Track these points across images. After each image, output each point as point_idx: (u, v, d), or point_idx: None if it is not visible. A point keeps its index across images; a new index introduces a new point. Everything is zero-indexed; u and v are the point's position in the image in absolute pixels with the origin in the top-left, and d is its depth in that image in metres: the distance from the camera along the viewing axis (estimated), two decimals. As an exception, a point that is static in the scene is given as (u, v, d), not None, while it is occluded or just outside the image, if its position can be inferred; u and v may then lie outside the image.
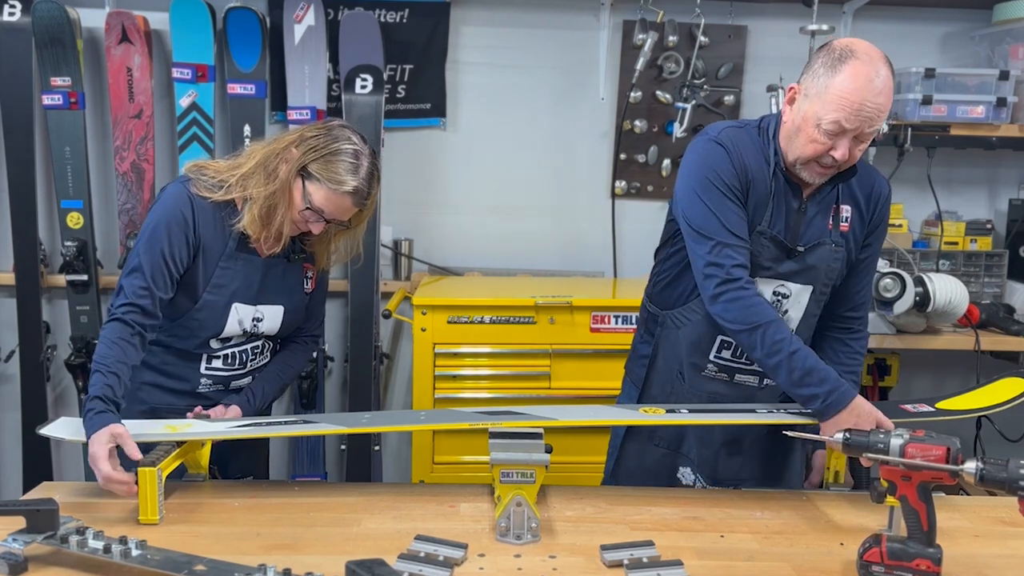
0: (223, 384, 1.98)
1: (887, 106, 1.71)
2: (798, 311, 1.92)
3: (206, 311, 1.88)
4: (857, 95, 1.67)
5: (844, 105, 1.68)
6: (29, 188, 3.11)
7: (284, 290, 1.97)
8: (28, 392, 3.19)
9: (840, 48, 1.71)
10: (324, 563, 1.40)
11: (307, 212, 1.84)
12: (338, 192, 1.81)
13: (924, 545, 1.40)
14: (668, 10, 3.22)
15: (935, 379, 3.52)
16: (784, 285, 1.89)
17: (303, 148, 1.82)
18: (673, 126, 3.22)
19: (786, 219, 1.86)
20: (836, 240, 1.89)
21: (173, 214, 1.82)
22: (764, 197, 1.84)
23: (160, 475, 1.62)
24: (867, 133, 1.72)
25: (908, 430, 1.46)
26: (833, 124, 1.70)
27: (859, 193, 1.91)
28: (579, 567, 1.48)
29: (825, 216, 1.88)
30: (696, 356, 1.97)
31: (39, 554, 1.45)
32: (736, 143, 1.84)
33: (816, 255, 1.88)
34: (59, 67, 3.04)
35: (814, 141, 1.74)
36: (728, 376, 1.97)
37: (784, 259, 1.87)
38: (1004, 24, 3.20)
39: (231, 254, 1.89)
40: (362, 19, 3.18)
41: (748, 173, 1.83)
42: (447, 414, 1.87)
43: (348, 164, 1.81)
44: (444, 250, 3.43)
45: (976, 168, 3.45)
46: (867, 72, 1.68)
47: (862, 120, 1.69)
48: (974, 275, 3.30)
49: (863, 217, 1.92)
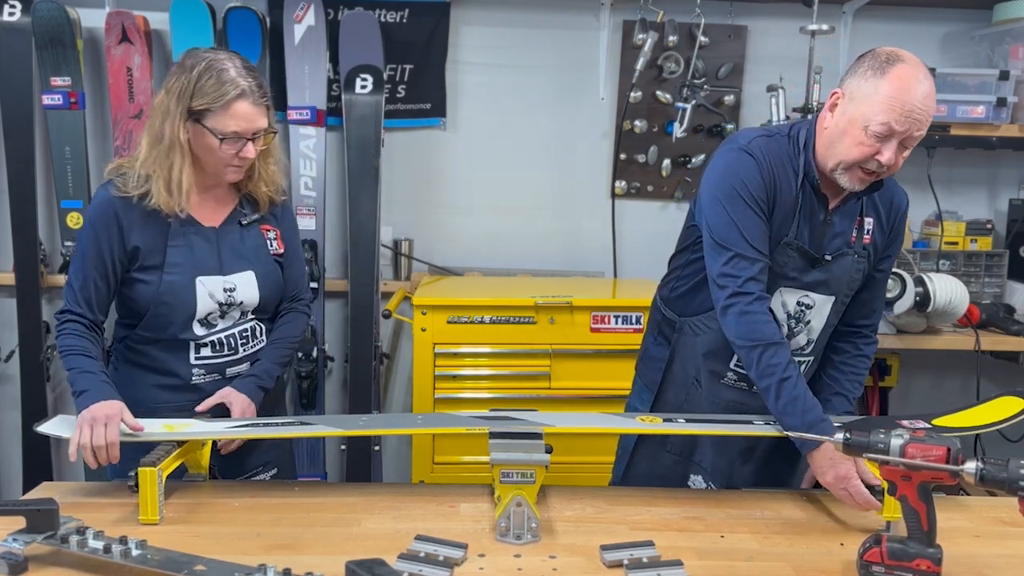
0: (218, 372, 1.94)
1: (932, 111, 1.71)
2: (820, 321, 1.92)
3: (171, 293, 1.86)
4: (908, 96, 1.67)
5: (895, 106, 1.67)
6: (29, 188, 3.11)
7: (248, 255, 1.95)
8: (28, 392, 3.19)
9: (886, 53, 1.72)
10: (324, 563, 1.40)
11: (226, 144, 1.80)
12: (232, 102, 1.78)
13: (924, 545, 1.40)
14: (668, 10, 3.22)
15: (935, 379, 3.52)
16: (808, 296, 1.89)
17: (172, 98, 1.80)
18: (673, 126, 3.22)
19: (811, 230, 1.86)
20: (859, 251, 1.90)
21: (98, 218, 1.84)
22: (791, 208, 1.84)
23: (160, 475, 1.62)
24: (914, 137, 1.72)
25: (908, 430, 1.46)
26: (882, 126, 1.69)
27: (880, 205, 1.92)
28: (579, 567, 1.48)
29: (849, 228, 1.89)
30: (715, 364, 1.96)
31: (39, 554, 1.45)
32: (766, 153, 1.83)
33: (840, 266, 1.89)
34: (59, 67, 3.05)
35: (861, 144, 1.72)
36: (748, 385, 1.95)
37: (809, 269, 1.87)
38: (1004, 24, 3.20)
39: (176, 232, 1.87)
40: (362, 19, 3.18)
41: (777, 184, 1.82)
42: (444, 418, 1.87)
43: (218, 75, 1.78)
44: (444, 250, 3.43)
45: (976, 168, 3.45)
46: (915, 75, 1.68)
47: (911, 122, 1.68)
48: (974, 275, 3.30)
49: (883, 229, 1.93)
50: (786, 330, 1.90)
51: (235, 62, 1.81)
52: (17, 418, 3.24)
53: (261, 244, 1.98)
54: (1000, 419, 1.87)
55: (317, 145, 3.21)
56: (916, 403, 3.47)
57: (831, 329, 1.97)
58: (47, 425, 1.83)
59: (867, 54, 1.76)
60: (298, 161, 3.20)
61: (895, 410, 3.31)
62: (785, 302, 1.88)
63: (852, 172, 1.77)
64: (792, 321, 1.91)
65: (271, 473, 2.09)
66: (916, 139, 1.73)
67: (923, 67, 1.71)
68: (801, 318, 1.90)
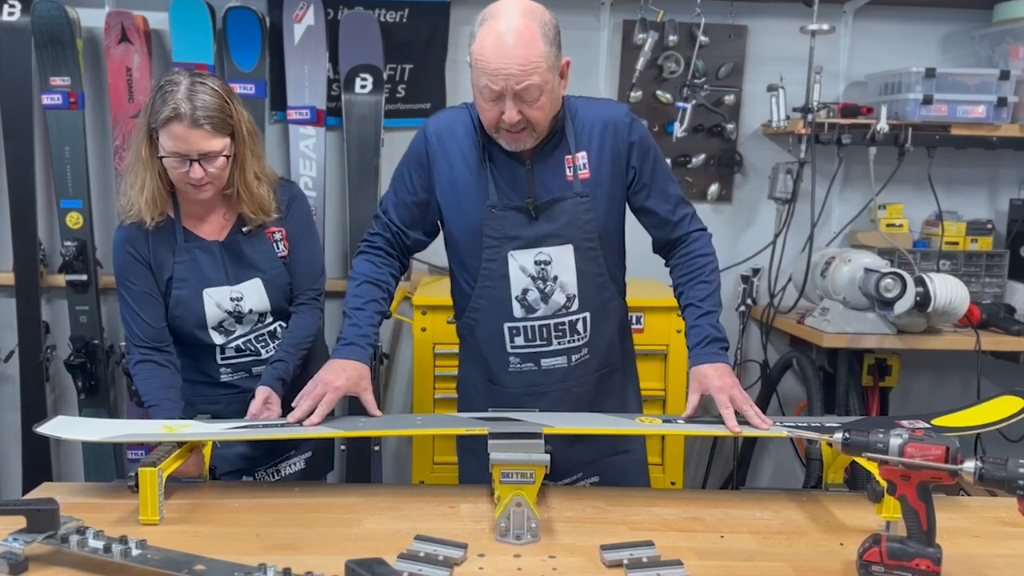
0: (244, 371, 2.07)
1: (532, 58, 1.68)
2: (569, 274, 1.89)
3: (180, 306, 1.98)
4: (492, 56, 1.67)
5: (486, 69, 1.68)
6: (29, 188, 3.11)
7: (255, 262, 2.01)
8: (28, 392, 3.19)
9: (484, 13, 1.72)
10: (324, 563, 1.40)
11: (170, 163, 1.87)
12: (165, 124, 1.84)
13: (924, 545, 1.40)
14: (668, 10, 3.22)
15: (935, 379, 3.52)
16: (542, 252, 1.88)
17: (143, 115, 1.89)
18: (673, 126, 3.22)
19: (515, 185, 1.86)
20: (580, 192, 1.87)
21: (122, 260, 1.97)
22: (478, 171, 1.86)
23: (160, 475, 1.62)
24: (527, 90, 1.69)
25: (907, 430, 1.46)
26: (486, 89, 1.70)
27: (593, 135, 1.87)
28: (579, 567, 1.48)
29: (559, 170, 1.86)
30: (495, 353, 1.96)
31: (39, 554, 1.45)
32: (439, 127, 1.91)
33: (560, 211, 1.86)
34: (59, 67, 3.04)
35: (484, 109, 1.74)
36: (535, 364, 1.95)
37: (528, 224, 1.86)
38: (1004, 24, 3.20)
39: (181, 248, 1.97)
40: (362, 19, 3.18)
41: (447, 154, 1.88)
42: (444, 418, 1.87)
43: (162, 97, 1.84)
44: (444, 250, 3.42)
45: (977, 168, 3.45)
46: (497, 29, 1.68)
47: (508, 78, 1.67)
48: (975, 275, 3.30)
49: (607, 154, 1.88)
50: (536, 293, 1.89)
51: (188, 83, 1.85)
52: (17, 418, 3.24)
53: (267, 249, 2.04)
54: (1000, 419, 1.87)
55: (317, 145, 3.21)
56: (916, 403, 3.47)
57: (599, 278, 1.94)
58: (47, 426, 1.82)
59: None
60: (298, 161, 3.20)
61: (895, 410, 3.31)
62: (523, 265, 1.88)
63: (500, 134, 1.78)
64: (539, 282, 1.89)
65: (305, 456, 2.17)
66: (535, 88, 1.70)
67: (513, 14, 1.69)
68: (545, 276, 1.88)
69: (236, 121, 1.90)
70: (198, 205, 1.98)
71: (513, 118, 1.71)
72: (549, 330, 1.92)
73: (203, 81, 1.87)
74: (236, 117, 1.90)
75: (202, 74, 1.91)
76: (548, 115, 1.77)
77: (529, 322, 1.92)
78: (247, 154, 1.95)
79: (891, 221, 3.32)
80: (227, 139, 1.89)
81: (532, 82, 1.68)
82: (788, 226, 3.25)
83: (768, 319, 3.26)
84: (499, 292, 1.91)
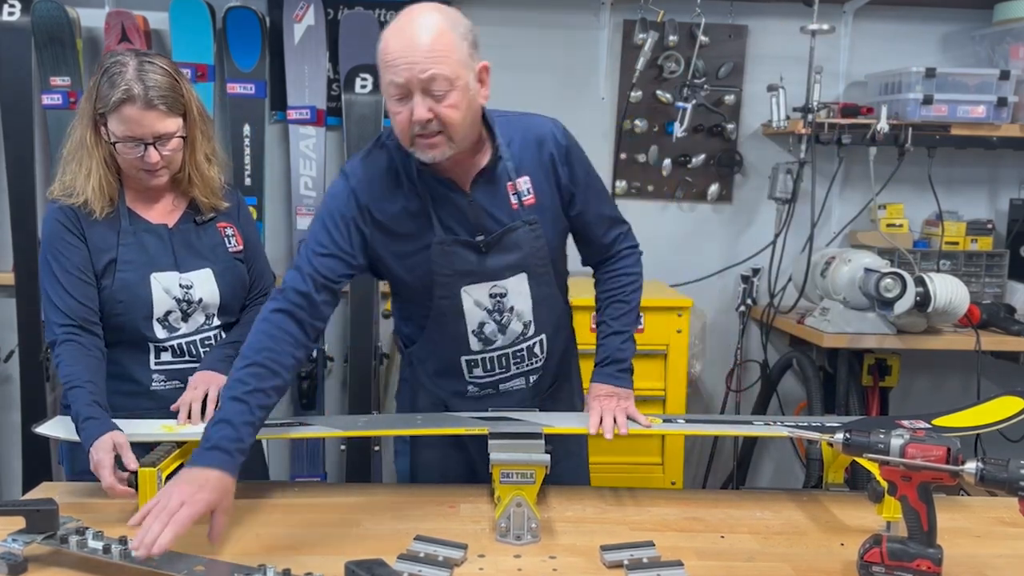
0: (178, 379, 1.89)
1: (438, 46, 1.57)
2: (524, 302, 1.82)
3: (125, 291, 1.84)
4: (394, 47, 1.58)
5: (390, 64, 1.58)
6: (29, 188, 3.10)
7: (205, 253, 1.92)
8: (28, 392, 3.18)
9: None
10: (324, 563, 1.40)
11: (123, 148, 1.79)
12: (117, 108, 1.76)
13: (924, 545, 1.40)
14: (668, 10, 3.22)
15: (935, 379, 3.51)
16: (496, 285, 1.79)
17: (85, 100, 1.81)
18: (673, 126, 3.22)
19: (459, 219, 1.74)
20: (528, 220, 1.77)
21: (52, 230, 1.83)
22: (418, 210, 1.73)
23: (160, 475, 1.62)
24: (434, 81, 1.57)
25: (908, 430, 1.45)
26: (391, 86, 1.60)
27: (530, 157, 1.78)
28: (579, 568, 1.48)
29: (503, 198, 1.76)
30: (451, 383, 1.89)
31: (39, 554, 1.45)
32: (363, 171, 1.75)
33: (511, 243, 1.77)
34: (59, 67, 3.04)
35: (394, 114, 1.62)
36: (494, 389, 1.88)
37: (480, 257, 1.76)
38: (1004, 24, 3.20)
39: (126, 230, 1.86)
40: (362, 19, 3.18)
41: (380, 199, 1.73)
42: (444, 418, 1.86)
43: (110, 79, 1.76)
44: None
45: (977, 168, 3.45)
46: (400, 24, 1.61)
47: (409, 68, 1.56)
48: (975, 275, 3.30)
49: (549, 174, 1.79)
50: (493, 326, 1.81)
51: (136, 63, 1.77)
52: (17, 418, 3.24)
53: (219, 242, 1.96)
54: (1000, 419, 1.87)
55: (317, 145, 3.21)
56: (916, 403, 3.46)
57: (554, 300, 1.88)
58: (46, 426, 1.83)
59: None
60: (298, 161, 3.20)
61: (895, 410, 3.31)
62: (477, 300, 1.78)
63: (416, 144, 1.64)
64: (495, 315, 1.81)
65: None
66: (443, 79, 1.57)
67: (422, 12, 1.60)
68: (501, 308, 1.80)
69: (187, 100, 1.83)
70: (147, 190, 1.89)
71: (423, 116, 1.58)
72: (508, 358, 1.86)
73: (151, 60, 1.79)
74: (187, 96, 1.83)
75: (148, 52, 1.83)
76: (464, 118, 1.63)
77: (487, 353, 1.84)
78: (198, 135, 1.88)
79: (891, 221, 3.32)
80: (180, 119, 1.82)
81: (439, 71, 1.57)
82: (788, 226, 3.24)
83: (768, 319, 3.26)
84: (453, 328, 1.81)
